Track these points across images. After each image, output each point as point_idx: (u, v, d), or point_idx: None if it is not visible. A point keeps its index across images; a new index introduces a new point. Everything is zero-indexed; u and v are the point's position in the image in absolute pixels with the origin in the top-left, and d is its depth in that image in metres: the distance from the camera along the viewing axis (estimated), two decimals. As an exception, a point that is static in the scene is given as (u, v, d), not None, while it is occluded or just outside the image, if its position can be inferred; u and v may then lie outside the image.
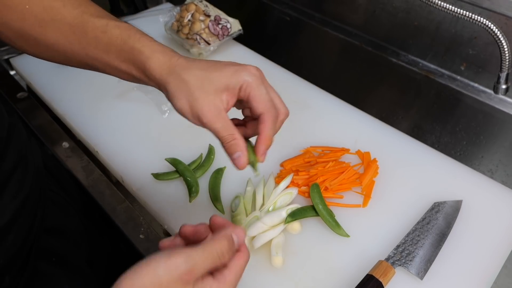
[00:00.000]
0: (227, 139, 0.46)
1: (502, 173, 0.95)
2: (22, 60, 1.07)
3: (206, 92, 0.45)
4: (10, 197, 0.54)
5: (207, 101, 0.45)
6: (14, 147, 0.56)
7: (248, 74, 0.45)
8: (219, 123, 0.45)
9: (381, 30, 1.09)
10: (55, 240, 0.65)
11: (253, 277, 0.63)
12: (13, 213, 0.54)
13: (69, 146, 0.84)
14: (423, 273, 0.61)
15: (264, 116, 0.46)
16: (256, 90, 0.45)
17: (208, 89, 0.45)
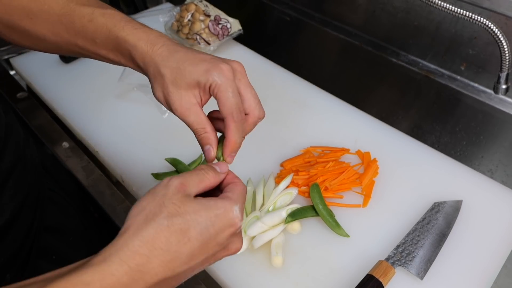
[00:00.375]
0: (199, 132, 0.47)
1: (502, 173, 0.95)
2: (22, 60, 1.07)
3: (178, 87, 0.46)
4: (9, 196, 0.54)
5: (179, 96, 0.46)
6: (12, 147, 0.56)
7: (219, 75, 0.45)
8: (191, 116, 0.46)
9: (381, 30, 1.09)
10: (55, 239, 0.65)
11: (253, 277, 0.63)
12: (13, 212, 0.54)
13: (69, 146, 0.84)
14: (423, 273, 0.61)
15: (227, 121, 0.46)
16: (223, 92, 0.45)
17: (181, 84, 0.46)
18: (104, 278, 0.33)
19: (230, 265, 0.64)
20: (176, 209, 0.37)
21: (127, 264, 0.34)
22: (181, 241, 0.36)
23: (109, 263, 0.34)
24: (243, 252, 0.65)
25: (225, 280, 0.63)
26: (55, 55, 1.05)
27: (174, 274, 0.37)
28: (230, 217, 0.39)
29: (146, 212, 0.37)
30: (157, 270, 0.35)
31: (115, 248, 0.35)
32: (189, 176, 0.41)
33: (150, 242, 0.35)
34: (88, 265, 0.34)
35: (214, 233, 0.38)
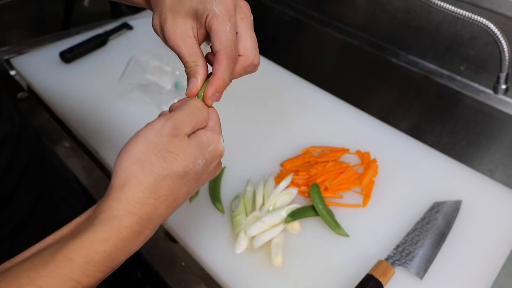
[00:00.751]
0: (189, 65, 0.43)
1: (501, 173, 0.96)
2: (22, 60, 1.07)
3: (175, 15, 0.43)
4: (23, 194, 0.55)
5: (174, 24, 0.43)
6: (25, 146, 0.57)
7: (218, 5, 0.41)
8: (183, 48, 0.43)
9: (381, 30, 1.09)
10: None
11: (253, 277, 0.63)
12: (27, 210, 0.55)
13: (69, 146, 0.85)
14: (422, 273, 0.62)
15: (219, 55, 0.41)
16: (220, 24, 0.41)
17: (179, 11, 0.43)
18: (120, 231, 0.35)
19: (230, 265, 0.64)
20: (174, 157, 0.38)
21: (137, 215, 0.36)
22: (181, 184, 0.39)
23: (120, 217, 0.35)
24: (243, 252, 0.66)
25: (225, 280, 0.63)
26: (55, 55, 1.05)
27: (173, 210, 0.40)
28: (219, 150, 0.42)
29: (142, 163, 0.38)
30: (162, 212, 0.38)
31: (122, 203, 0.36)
32: (181, 116, 0.40)
33: (154, 192, 0.37)
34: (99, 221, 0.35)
35: (206, 167, 0.41)
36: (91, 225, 0.35)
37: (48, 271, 0.32)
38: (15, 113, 0.57)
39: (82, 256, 0.33)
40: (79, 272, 0.33)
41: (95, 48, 1.09)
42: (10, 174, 0.52)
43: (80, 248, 0.33)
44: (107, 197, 0.37)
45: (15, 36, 1.27)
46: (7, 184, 0.52)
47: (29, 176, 0.56)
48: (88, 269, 0.33)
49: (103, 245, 0.34)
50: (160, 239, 0.68)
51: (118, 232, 0.35)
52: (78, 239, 0.34)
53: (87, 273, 0.33)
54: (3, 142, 0.51)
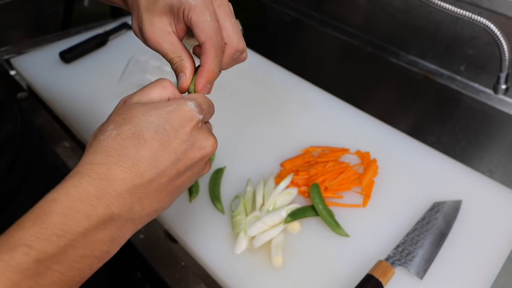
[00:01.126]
0: (175, 61, 0.43)
1: (501, 173, 0.96)
2: (22, 60, 1.07)
3: (151, 14, 0.42)
4: (26, 194, 0.55)
5: (151, 23, 0.42)
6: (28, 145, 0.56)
7: None
8: (164, 45, 0.43)
9: (381, 30, 1.09)
10: None
11: (253, 277, 0.63)
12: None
13: (69, 146, 0.84)
14: (422, 273, 0.62)
15: (205, 46, 0.40)
16: (199, 15, 0.40)
17: (154, 10, 0.42)
18: (69, 191, 0.33)
19: (230, 265, 0.64)
20: (123, 117, 0.37)
21: (88, 175, 0.34)
22: (137, 144, 0.35)
23: (69, 179, 0.34)
24: (243, 252, 0.66)
25: (225, 280, 0.63)
26: (55, 55, 1.05)
27: (144, 179, 0.35)
28: (185, 110, 0.37)
29: (97, 131, 0.37)
30: (121, 176, 0.34)
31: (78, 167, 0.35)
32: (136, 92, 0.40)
33: (104, 152, 0.35)
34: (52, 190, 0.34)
35: (172, 129, 0.36)
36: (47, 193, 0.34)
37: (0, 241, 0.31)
38: (17, 113, 0.57)
39: (31, 220, 0.31)
40: (30, 236, 0.30)
41: (95, 48, 1.09)
42: (13, 173, 0.52)
43: (29, 214, 0.32)
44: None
45: (15, 36, 1.27)
46: (10, 184, 0.52)
47: (31, 176, 0.56)
48: (40, 232, 0.31)
49: (51, 205, 0.32)
50: (160, 239, 0.68)
51: (66, 192, 0.33)
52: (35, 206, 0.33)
53: (39, 237, 0.30)
54: (6, 142, 0.51)
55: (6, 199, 0.51)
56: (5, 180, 0.51)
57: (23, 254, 0.29)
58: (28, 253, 0.30)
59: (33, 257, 0.30)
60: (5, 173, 0.51)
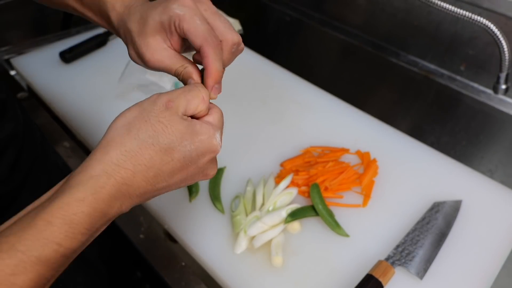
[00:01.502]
0: (179, 70, 0.44)
1: (501, 173, 0.96)
2: (22, 60, 1.07)
3: (144, 36, 0.44)
4: (28, 193, 0.55)
5: (146, 45, 0.44)
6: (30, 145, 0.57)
7: (178, 6, 0.42)
8: (165, 61, 0.44)
9: (381, 30, 1.09)
10: None
11: (253, 277, 0.63)
12: None
13: (69, 146, 0.85)
14: (422, 273, 0.62)
15: (204, 49, 0.42)
16: (190, 22, 0.42)
17: (146, 32, 0.43)
18: (96, 191, 0.34)
19: (230, 265, 0.64)
20: (162, 128, 0.37)
21: (114, 177, 0.35)
22: (164, 160, 0.37)
23: (96, 177, 0.35)
24: (243, 252, 0.66)
25: (225, 280, 0.63)
26: (55, 55, 1.05)
27: (154, 188, 0.38)
28: (213, 144, 0.40)
29: (130, 126, 0.37)
30: (140, 184, 0.37)
31: (101, 163, 0.36)
32: (179, 94, 0.40)
33: (134, 158, 0.36)
34: (75, 182, 0.35)
35: (196, 157, 0.39)
36: (68, 186, 0.35)
37: (28, 235, 0.32)
38: (20, 113, 0.57)
39: (60, 218, 0.33)
40: (60, 235, 0.32)
41: (95, 48, 1.09)
42: (15, 173, 0.52)
43: (58, 210, 0.33)
44: (90, 156, 0.37)
45: (15, 36, 1.26)
46: (12, 184, 0.52)
47: (33, 176, 0.56)
48: (68, 231, 0.33)
49: (79, 205, 0.34)
50: (160, 239, 0.68)
51: (93, 192, 0.34)
52: (56, 201, 0.33)
53: (68, 235, 0.33)
54: (8, 142, 0.51)
55: (8, 199, 0.52)
56: (7, 180, 0.51)
57: (53, 251, 0.32)
58: (57, 250, 0.32)
59: (60, 253, 0.33)
60: (7, 173, 0.51)
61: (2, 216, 0.51)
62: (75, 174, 0.36)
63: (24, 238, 0.32)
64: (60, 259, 0.33)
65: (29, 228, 0.32)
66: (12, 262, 0.30)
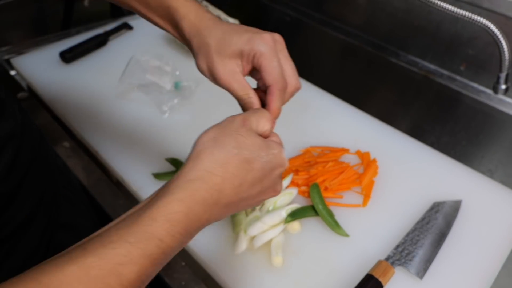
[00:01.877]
0: (243, 98, 0.49)
1: (501, 173, 0.96)
2: (22, 60, 1.07)
3: (222, 56, 0.47)
4: (27, 193, 0.55)
5: (222, 64, 0.48)
6: (28, 145, 0.57)
7: (262, 43, 0.47)
8: (234, 84, 0.48)
9: (380, 30, 1.09)
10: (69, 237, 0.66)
11: (253, 277, 0.63)
12: (31, 209, 0.56)
13: (70, 146, 0.85)
14: (422, 273, 0.62)
15: (272, 88, 0.47)
16: (268, 61, 0.47)
17: (225, 52, 0.47)
18: (193, 193, 0.38)
19: (230, 265, 0.64)
20: (243, 141, 0.41)
21: (207, 182, 0.39)
22: (247, 169, 0.41)
23: (193, 181, 0.38)
24: (243, 252, 0.66)
25: (225, 280, 0.63)
26: (55, 55, 1.05)
27: (238, 198, 0.41)
28: (283, 158, 0.45)
29: (216, 139, 0.41)
30: (228, 191, 0.40)
31: (195, 170, 0.39)
32: (250, 114, 0.45)
33: (223, 166, 0.40)
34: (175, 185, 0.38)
35: (269, 170, 0.43)
36: (167, 190, 0.38)
37: (136, 228, 0.35)
38: (18, 112, 0.57)
39: (163, 215, 0.35)
40: (163, 231, 0.35)
41: (95, 48, 1.09)
42: (13, 173, 0.52)
43: (161, 208, 0.36)
44: (183, 167, 0.40)
45: (15, 36, 1.27)
46: (10, 183, 0.52)
47: (32, 175, 0.56)
48: (170, 229, 0.35)
49: (179, 204, 0.36)
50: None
51: (191, 194, 0.37)
52: (158, 202, 0.36)
53: (169, 232, 0.35)
54: (6, 141, 0.51)
55: (6, 198, 0.52)
56: (5, 180, 0.51)
57: (155, 246, 0.34)
58: (159, 246, 0.35)
59: (161, 250, 0.35)
60: (5, 173, 0.51)
61: (1, 215, 0.51)
62: (171, 181, 0.39)
63: (132, 231, 0.34)
64: (161, 256, 0.35)
65: (136, 223, 0.35)
66: (122, 252, 0.33)
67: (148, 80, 0.94)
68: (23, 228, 0.55)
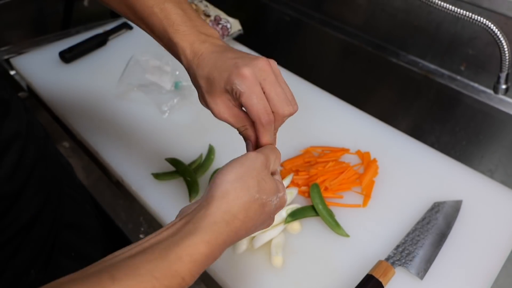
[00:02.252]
0: (240, 130, 0.51)
1: (502, 173, 0.96)
2: (22, 60, 1.07)
3: (212, 96, 0.49)
4: (33, 192, 0.55)
5: (215, 103, 0.50)
6: (33, 144, 0.57)
7: (240, 83, 0.46)
8: (230, 119, 0.50)
9: (381, 30, 1.09)
10: (73, 236, 0.66)
11: (253, 277, 0.63)
12: (37, 208, 0.56)
13: (69, 146, 0.85)
14: (423, 273, 0.62)
15: (256, 125, 0.48)
16: (248, 99, 0.47)
17: (214, 93, 0.49)
18: (217, 236, 0.38)
19: (230, 265, 0.64)
20: (264, 186, 0.43)
21: (230, 226, 0.40)
22: (261, 212, 0.42)
23: (217, 225, 0.39)
24: (243, 252, 0.66)
25: (225, 280, 0.63)
26: (55, 55, 1.05)
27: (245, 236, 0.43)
28: (285, 200, 0.47)
29: (242, 182, 0.42)
30: (241, 232, 0.41)
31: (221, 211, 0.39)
32: (268, 151, 0.47)
33: (246, 210, 0.41)
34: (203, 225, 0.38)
35: (274, 211, 0.45)
36: (195, 229, 0.38)
37: (163, 266, 0.35)
38: (23, 112, 0.57)
39: (189, 255, 0.37)
40: (186, 271, 0.36)
41: (95, 48, 1.09)
42: (19, 172, 0.52)
43: (187, 248, 0.37)
44: (209, 204, 0.40)
45: (15, 36, 1.27)
46: (16, 183, 0.52)
47: (37, 174, 0.56)
48: (192, 269, 0.37)
49: (205, 246, 0.37)
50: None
51: (216, 237, 0.38)
52: (186, 240, 0.37)
53: (191, 272, 0.37)
54: (12, 141, 0.52)
55: (11, 198, 0.52)
56: (11, 179, 0.51)
57: (177, 284, 0.36)
58: (181, 284, 0.36)
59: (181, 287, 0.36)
60: (11, 172, 0.51)
61: (7, 215, 0.51)
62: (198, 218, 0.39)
63: (160, 267, 0.35)
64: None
65: (163, 259, 0.36)
66: (147, 286, 0.34)
67: (148, 80, 0.94)
68: (29, 227, 0.55)
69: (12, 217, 0.52)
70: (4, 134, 0.51)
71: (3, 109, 0.52)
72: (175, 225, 0.40)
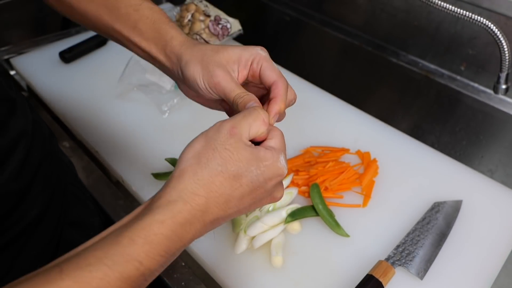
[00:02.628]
0: (240, 95, 0.47)
1: (502, 173, 0.96)
2: (22, 60, 1.07)
3: (219, 60, 0.48)
4: (38, 190, 0.55)
5: (218, 67, 0.47)
6: (39, 142, 0.58)
7: (260, 50, 0.49)
8: (232, 83, 0.47)
9: (381, 30, 1.09)
10: (77, 234, 0.66)
11: (253, 277, 0.63)
12: (43, 206, 0.56)
13: (69, 146, 0.85)
14: (423, 273, 0.62)
15: (277, 81, 0.47)
16: (269, 62, 0.48)
17: (221, 59, 0.48)
18: (174, 215, 0.37)
19: (230, 265, 0.64)
20: (229, 155, 0.40)
21: (189, 204, 0.38)
22: (234, 186, 0.40)
23: (174, 204, 0.37)
24: (243, 252, 0.66)
25: (225, 280, 0.63)
26: (55, 55, 1.05)
27: (226, 214, 0.41)
28: (278, 167, 0.42)
29: (200, 156, 0.40)
30: (213, 210, 0.39)
31: (177, 190, 0.38)
32: (240, 119, 0.42)
33: (206, 185, 0.39)
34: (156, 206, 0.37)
35: (263, 181, 0.41)
36: (149, 210, 0.37)
37: (114, 251, 0.34)
38: (29, 110, 0.57)
39: (142, 238, 0.35)
40: (142, 253, 0.35)
41: (95, 48, 1.09)
42: (25, 170, 0.53)
43: (140, 230, 0.35)
44: (166, 185, 0.39)
45: (15, 36, 1.26)
46: (22, 180, 0.52)
47: (43, 172, 0.56)
48: (149, 251, 0.35)
49: (160, 226, 0.36)
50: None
51: (172, 216, 0.37)
52: (138, 222, 0.36)
53: (148, 255, 0.35)
54: (19, 139, 0.52)
55: (18, 196, 0.52)
56: (17, 177, 0.51)
57: (134, 268, 0.34)
58: (138, 268, 0.35)
59: (140, 272, 0.35)
60: (18, 170, 0.51)
61: (13, 213, 0.51)
62: (154, 200, 0.38)
63: (110, 254, 0.34)
64: (140, 278, 0.35)
65: (114, 244, 0.34)
66: (99, 275, 0.32)
67: (148, 80, 0.94)
68: (34, 225, 0.55)
69: (19, 214, 0.52)
70: (11, 132, 0.51)
71: (11, 108, 0.53)
72: (135, 211, 0.39)
